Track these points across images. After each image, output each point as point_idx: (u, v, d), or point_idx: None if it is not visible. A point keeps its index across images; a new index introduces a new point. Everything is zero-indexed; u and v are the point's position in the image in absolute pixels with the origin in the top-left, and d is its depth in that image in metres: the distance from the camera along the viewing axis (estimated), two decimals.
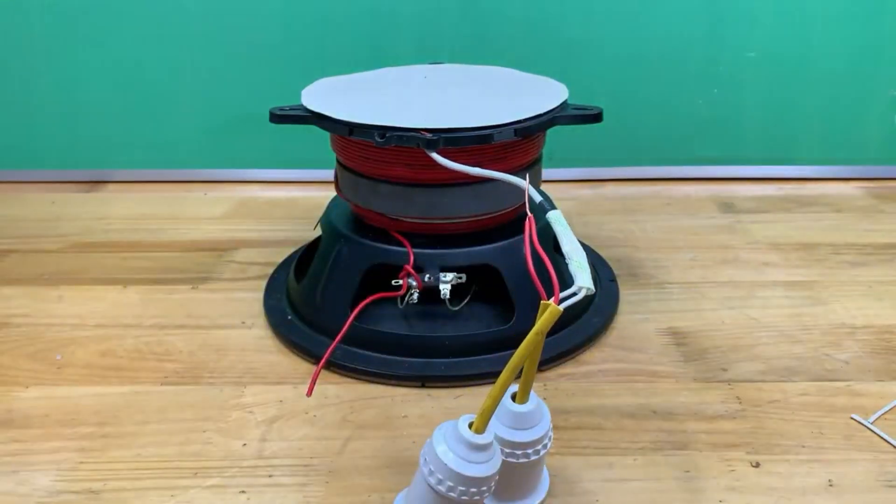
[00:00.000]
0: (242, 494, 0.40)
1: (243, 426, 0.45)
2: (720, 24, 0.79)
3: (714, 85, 0.82)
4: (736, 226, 0.74)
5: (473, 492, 0.33)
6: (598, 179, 0.86)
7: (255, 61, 0.81)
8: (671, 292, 0.60)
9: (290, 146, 0.83)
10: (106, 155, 0.86)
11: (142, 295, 0.61)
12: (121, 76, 0.82)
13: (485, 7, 0.79)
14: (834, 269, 0.64)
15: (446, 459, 0.32)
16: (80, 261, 0.67)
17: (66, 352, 0.53)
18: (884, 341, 0.54)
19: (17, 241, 0.71)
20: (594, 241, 0.69)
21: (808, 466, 0.42)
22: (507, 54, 0.80)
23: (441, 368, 0.50)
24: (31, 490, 0.41)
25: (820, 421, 0.45)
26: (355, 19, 0.79)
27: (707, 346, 0.53)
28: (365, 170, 0.52)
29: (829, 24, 0.79)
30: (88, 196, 0.83)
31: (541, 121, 0.49)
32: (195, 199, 0.82)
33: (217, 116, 0.84)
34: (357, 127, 0.48)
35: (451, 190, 0.50)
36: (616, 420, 0.46)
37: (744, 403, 0.47)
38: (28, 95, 0.83)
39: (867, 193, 0.81)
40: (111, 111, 0.84)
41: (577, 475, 0.41)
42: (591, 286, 0.33)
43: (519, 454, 0.36)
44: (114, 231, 0.74)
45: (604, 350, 0.53)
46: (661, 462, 0.42)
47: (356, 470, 0.42)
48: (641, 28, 0.80)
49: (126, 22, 0.80)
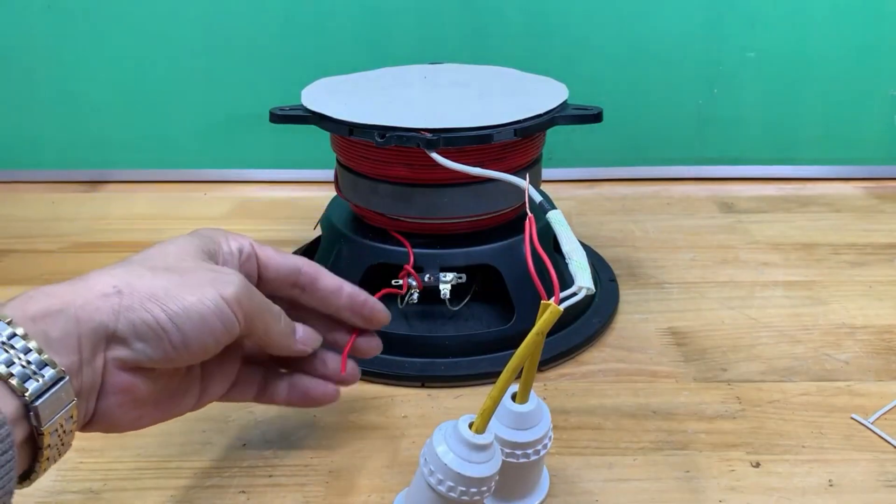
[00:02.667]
0: (242, 494, 0.40)
1: (243, 426, 0.45)
2: (720, 24, 0.79)
3: (714, 85, 0.82)
4: (736, 226, 0.74)
5: (474, 492, 0.33)
6: (598, 179, 0.86)
7: (255, 61, 0.81)
8: (671, 292, 0.60)
9: (290, 146, 0.83)
10: (106, 155, 0.86)
11: None
12: (121, 76, 0.82)
13: (485, 7, 0.79)
14: (834, 269, 0.64)
15: (446, 459, 0.32)
16: (80, 261, 0.67)
17: None
18: (884, 341, 0.54)
19: (17, 241, 0.71)
20: (594, 241, 0.69)
21: (809, 466, 0.42)
22: (507, 54, 0.80)
23: (441, 368, 0.50)
24: (31, 490, 0.40)
25: (820, 421, 0.45)
26: (355, 19, 0.79)
27: (707, 346, 0.53)
28: (365, 170, 0.52)
29: (829, 24, 0.79)
30: (88, 196, 0.83)
31: (541, 121, 0.49)
32: (195, 199, 0.82)
33: (217, 116, 0.84)
34: (357, 127, 0.48)
35: (451, 190, 0.50)
36: (616, 420, 0.46)
37: (744, 403, 0.47)
38: (27, 95, 0.83)
39: (867, 193, 0.81)
40: (111, 111, 0.84)
41: (577, 475, 0.41)
42: (591, 286, 0.33)
43: (519, 454, 0.36)
44: (114, 231, 0.74)
45: (604, 350, 0.53)
46: (661, 462, 0.42)
47: (356, 470, 0.42)
48: (641, 28, 0.80)
49: (126, 22, 0.80)
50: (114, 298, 0.30)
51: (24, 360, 0.28)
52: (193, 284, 0.32)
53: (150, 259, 0.34)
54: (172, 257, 0.34)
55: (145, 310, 0.30)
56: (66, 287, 0.31)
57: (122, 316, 0.30)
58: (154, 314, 0.31)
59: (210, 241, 0.36)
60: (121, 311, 0.30)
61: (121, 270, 0.32)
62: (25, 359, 0.28)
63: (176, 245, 0.35)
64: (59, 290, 0.30)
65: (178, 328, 0.31)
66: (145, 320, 0.30)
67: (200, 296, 0.32)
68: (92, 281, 0.31)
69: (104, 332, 0.30)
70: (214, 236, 0.37)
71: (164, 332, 0.31)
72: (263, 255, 0.38)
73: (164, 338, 0.31)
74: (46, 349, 0.28)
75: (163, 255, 0.34)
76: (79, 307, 0.30)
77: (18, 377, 0.27)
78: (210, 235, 0.37)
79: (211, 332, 0.32)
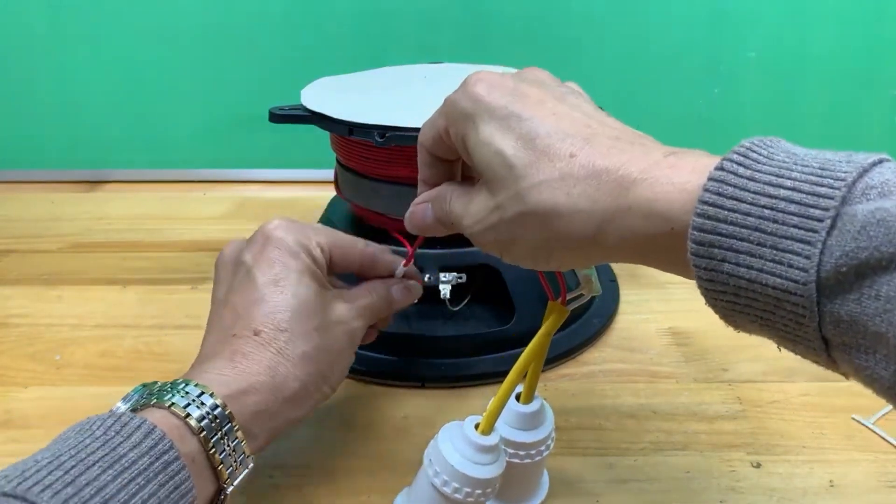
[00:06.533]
0: (242, 495, 0.40)
1: None
2: (720, 24, 0.79)
3: (714, 85, 0.82)
4: None
5: (479, 493, 0.33)
6: None
7: (255, 61, 0.81)
8: (672, 292, 0.60)
9: (290, 146, 0.83)
10: (105, 155, 0.86)
11: (141, 295, 0.61)
12: (120, 76, 0.82)
13: (485, 7, 0.79)
14: None
15: (453, 461, 0.32)
16: (80, 261, 0.67)
17: (66, 352, 0.53)
18: None
19: (17, 241, 0.71)
20: None
21: (809, 467, 0.42)
22: (507, 54, 0.79)
23: (441, 368, 0.50)
24: None
25: (821, 421, 0.45)
26: (355, 19, 0.79)
27: (708, 347, 0.53)
28: (365, 170, 0.52)
29: (829, 24, 0.79)
30: (87, 196, 0.83)
31: None
32: (195, 199, 0.82)
33: (217, 116, 0.84)
34: (357, 127, 0.48)
35: None
36: (616, 420, 0.46)
37: (744, 404, 0.47)
38: (27, 95, 0.83)
39: None
40: (111, 111, 0.84)
41: (577, 475, 0.41)
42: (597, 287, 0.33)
43: (522, 454, 0.36)
44: (113, 231, 0.74)
45: (604, 350, 0.53)
46: (662, 462, 0.42)
47: (356, 470, 0.42)
48: (641, 28, 0.79)
49: (126, 22, 0.80)
50: (300, 392, 0.35)
51: (229, 447, 0.31)
52: (342, 352, 0.38)
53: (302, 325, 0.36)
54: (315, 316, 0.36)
55: (320, 391, 0.36)
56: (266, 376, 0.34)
57: (306, 404, 0.36)
58: (325, 392, 0.37)
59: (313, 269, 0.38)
60: (305, 400, 0.36)
61: (298, 354, 0.35)
62: (231, 446, 0.31)
63: (306, 294, 0.37)
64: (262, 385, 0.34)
65: (335, 388, 0.38)
66: (319, 399, 0.37)
67: (348, 356, 0.38)
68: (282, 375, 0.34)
69: (290, 421, 0.35)
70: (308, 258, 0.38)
71: (327, 397, 0.37)
72: (336, 256, 0.40)
73: (327, 398, 0.37)
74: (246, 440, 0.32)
75: (307, 316, 0.36)
76: (277, 409, 0.34)
77: (224, 463, 0.31)
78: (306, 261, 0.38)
79: (349, 364, 0.39)
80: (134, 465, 0.27)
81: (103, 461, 0.27)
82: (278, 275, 0.36)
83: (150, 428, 0.28)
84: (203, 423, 0.30)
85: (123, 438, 0.28)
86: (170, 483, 0.28)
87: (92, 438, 0.28)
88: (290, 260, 0.37)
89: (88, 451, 0.27)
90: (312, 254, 0.38)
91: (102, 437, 0.28)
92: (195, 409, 0.30)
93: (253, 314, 0.35)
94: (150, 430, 0.28)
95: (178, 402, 0.30)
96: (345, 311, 0.38)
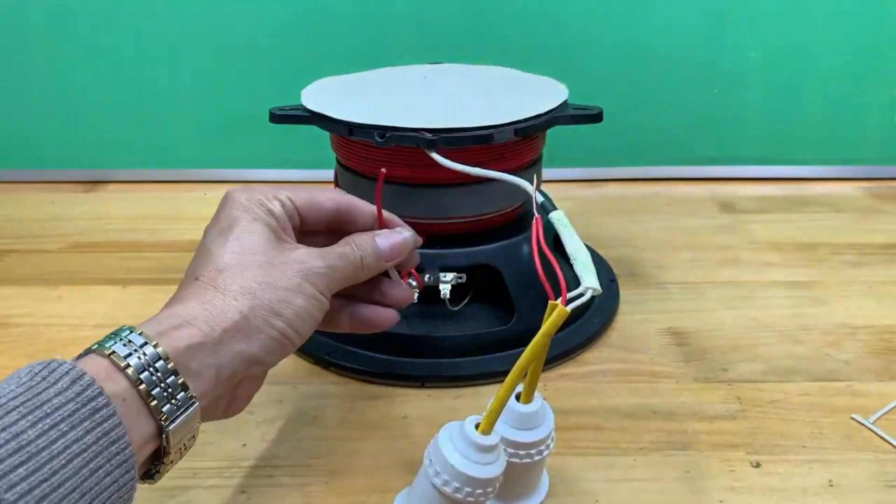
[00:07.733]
0: (242, 494, 0.40)
1: (243, 426, 0.45)
2: (720, 24, 0.79)
3: (714, 85, 0.82)
4: (736, 226, 0.74)
5: (479, 493, 0.33)
6: (599, 179, 0.86)
7: (255, 61, 0.81)
8: (672, 292, 0.60)
9: (290, 146, 0.83)
10: (105, 155, 0.86)
11: (141, 295, 0.61)
12: (120, 76, 0.82)
13: (485, 7, 0.79)
14: (834, 270, 0.64)
15: (453, 461, 0.32)
16: (80, 261, 0.67)
17: (66, 352, 0.53)
18: (884, 341, 0.54)
19: (17, 241, 0.71)
20: (594, 242, 0.69)
21: (809, 466, 0.42)
22: (507, 54, 0.79)
23: (441, 368, 0.50)
24: None
25: (820, 421, 0.45)
26: (355, 19, 0.79)
27: (707, 347, 0.53)
28: (365, 170, 0.52)
29: (829, 25, 0.79)
30: (88, 196, 0.83)
31: (541, 121, 0.49)
32: (195, 199, 0.82)
33: (217, 116, 0.84)
34: (357, 127, 0.48)
35: (451, 190, 0.50)
36: (616, 420, 0.46)
37: (744, 403, 0.47)
38: (27, 95, 0.83)
39: (867, 193, 0.81)
40: (111, 111, 0.84)
41: (577, 475, 0.41)
42: (597, 286, 0.33)
43: (522, 454, 0.36)
44: (113, 231, 0.74)
45: (604, 350, 0.53)
46: (662, 462, 0.42)
47: (356, 470, 0.42)
48: (642, 28, 0.79)
49: (126, 22, 0.80)
50: (242, 324, 0.33)
51: (163, 384, 0.30)
52: (293, 288, 0.34)
53: (243, 264, 0.34)
54: (261, 255, 0.35)
55: (270, 326, 0.33)
56: (199, 309, 0.33)
57: (255, 339, 0.33)
58: (278, 328, 0.33)
59: (266, 219, 0.37)
60: (252, 334, 0.33)
61: (236, 288, 0.33)
62: (165, 383, 0.30)
63: (250, 239, 0.35)
64: (195, 318, 0.32)
65: (297, 332, 0.34)
66: (273, 336, 0.33)
67: (304, 295, 0.35)
68: (218, 307, 0.33)
69: (241, 359, 0.33)
70: (261, 210, 0.37)
71: (287, 340, 0.34)
72: (303, 206, 0.39)
73: (288, 344, 0.34)
74: (185, 377, 0.31)
75: (251, 254, 0.35)
76: (216, 341, 0.32)
77: (157, 399, 0.30)
78: (258, 212, 0.37)
79: (315, 321, 0.36)
80: (57, 412, 0.26)
81: (24, 406, 0.26)
82: (224, 228, 0.36)
83: (79, 374, 0.28)
84: (129, 359, 0.29)
85: (49, 384, 0.27)
86: (97, 429, 0.27)
87: (17, 384, 0.27)
88: (240, 213, 0.36)
89: (10, 397, 0.26)
90: (267, 206, 0.37)
91: (28, 384, 0.27)
92: (122, 346, 0.30)
93: (197, 264, 0.35)
94: (78, 376, 0.28)
95: (108, 345, 0.30)
96: (303, 253, 0.36)
